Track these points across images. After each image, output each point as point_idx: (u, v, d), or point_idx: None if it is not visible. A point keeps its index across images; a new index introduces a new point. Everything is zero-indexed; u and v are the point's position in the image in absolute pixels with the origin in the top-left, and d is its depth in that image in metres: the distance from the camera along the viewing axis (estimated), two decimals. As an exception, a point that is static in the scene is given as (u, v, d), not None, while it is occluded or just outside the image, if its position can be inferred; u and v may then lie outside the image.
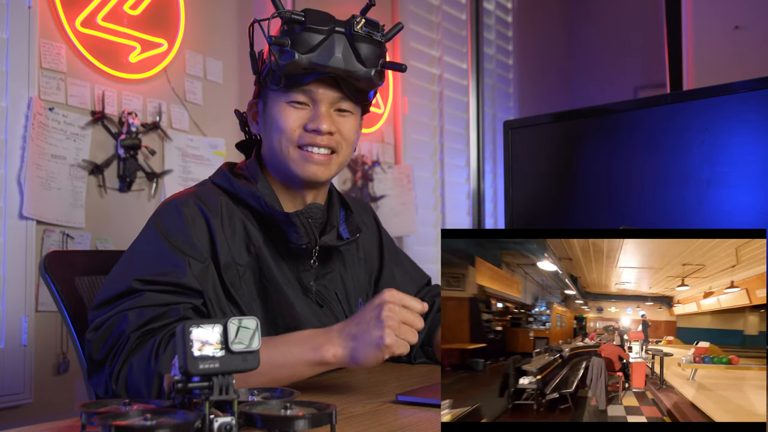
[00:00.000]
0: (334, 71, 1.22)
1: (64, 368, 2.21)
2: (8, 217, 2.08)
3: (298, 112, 1.27)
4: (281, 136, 1.27)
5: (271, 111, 1.29)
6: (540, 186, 1.59)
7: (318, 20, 1.20)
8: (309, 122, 1.26)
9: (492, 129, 4.23)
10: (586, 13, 5.11)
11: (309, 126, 1.26)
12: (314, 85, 1.25)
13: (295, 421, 0.72)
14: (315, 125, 1.25)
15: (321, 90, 1.26)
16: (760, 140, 1.29)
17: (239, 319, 0.71)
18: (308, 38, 1.19)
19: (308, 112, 1.27)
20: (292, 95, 1.26)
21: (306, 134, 1.26)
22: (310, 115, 1.26)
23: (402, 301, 1.07)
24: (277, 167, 1.31)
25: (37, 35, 2.17)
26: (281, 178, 1.32)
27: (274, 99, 1.28)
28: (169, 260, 1.16)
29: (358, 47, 1.22)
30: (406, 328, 1.06)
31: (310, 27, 1.19)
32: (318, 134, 1.26)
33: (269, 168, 1.34)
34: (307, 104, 1.27)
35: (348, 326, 1.09)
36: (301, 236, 1.26)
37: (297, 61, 1.19)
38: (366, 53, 1.23)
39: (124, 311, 1.11)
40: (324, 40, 1.20)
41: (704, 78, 2.93)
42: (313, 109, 1.27)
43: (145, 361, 1.06)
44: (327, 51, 1.20)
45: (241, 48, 2.89)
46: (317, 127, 1.25)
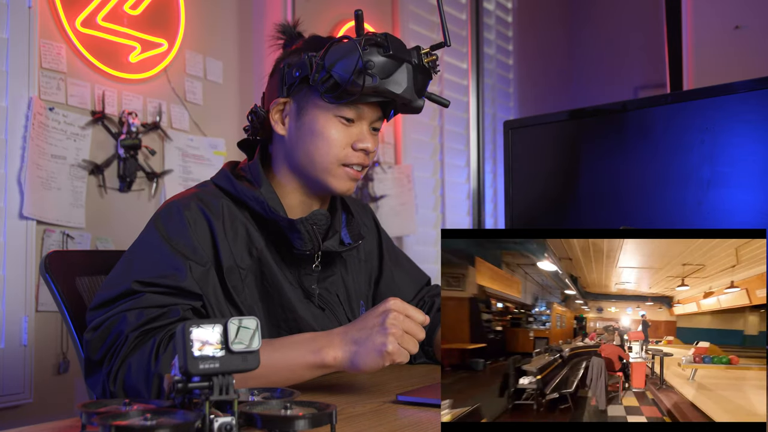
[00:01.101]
0: (402, 101, 1.24)
1: (64, 368, 2.21)
2: (8, 217, 2.08)
3: (344, 127, 1.27)
4: (329, 150, 1.26)
5: (314, 120, 1.27)
6: (540, 186, 1.59)
7: (398, 49, 1.21)
8: (358, 141, 1.27)
9: (492, 129, 4.23)
10: (587, 13, 5.11)
11: (358, 145, 1.27)
12: (365, 105, 1.26)
13: (295, 421, 0.72)
14: (365, 145, 1.27)
15: (370, 110, 1.28)
16: (760, 140, 1.29)
17: (239, 319, 0.72)
18: (387, 65, 1.20)
19: (352, 128, 1.28)
20: (344, 110, 1.26)
21: (353, 153, 1.28)
22: (355, 132, 1.28)
23: (406, 310, 1.09)
24: (306, 175, 1.30)
25: (37, 35, 2.17)
26: (302, 184, 1.32)
27: (319, 108, 1.26)
28: (169, 263, 1.16)
29: (418, 78, 1.24)
30: (408, 338, 1.07)
31: (392, 55, 1.20)
32: (366, 154, 1.29)
33: (283, 171, 1.32)
34: (353, 120, 1.27)
35: (350, 330, 1.10)
36: (305, 242, 1.26)
37: (376, 86, 1.19)
38: (421, 85, 1.25)
39: (123, 312, 1.11)
40: (397, 68, 1.21)
41: (704, 78, 2.93)
42: (357, 125, 1.28)
43: (144, 361, 1.06)
44: (399, 81, 1.21)
45: (241, 48, 2.89)
46: (366, 148, 1.28)
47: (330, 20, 3.28)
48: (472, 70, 4.08)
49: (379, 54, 1.19)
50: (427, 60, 1.24)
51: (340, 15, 3.33)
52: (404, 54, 1.22)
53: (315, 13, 3.18)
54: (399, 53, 1.21)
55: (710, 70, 2.94)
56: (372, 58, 1.18)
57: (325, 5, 3.27)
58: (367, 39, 1.19)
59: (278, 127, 1.31)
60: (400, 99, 1.23)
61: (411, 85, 1.22)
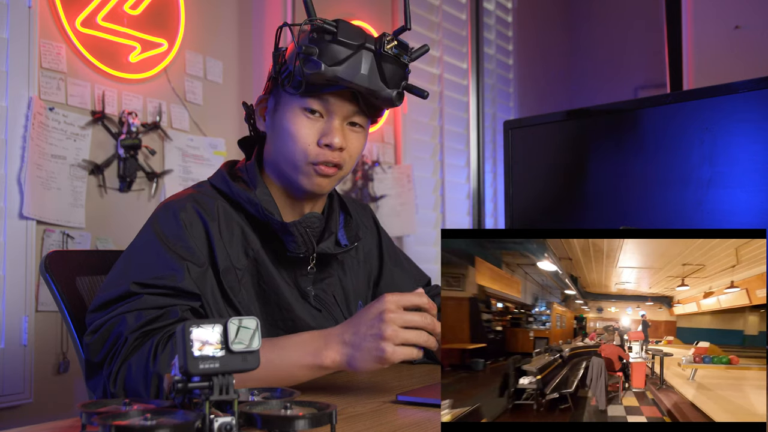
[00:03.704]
0: (357, 88, 1.20)
1: (64, 368, 2.21)
2: (8, 217, 2.08)
3: (311, 122, 1.24)
4: (295, 147, 1.24)
5: (283, 113, 1.26)
6: (540, 186, 1.59)
7: (349, 34, 1.18)
8: (322, 137, 1.24)
9: (492, 129, 4.23)
10: (587, 13, 5.11)
11: (322, 141, 1.24)
12: (332, 96, 1.23)
13: (295, 421, 0.72)
14: (328, 140, 1.23)
15: (338, 102, 1.23)
16: (760, 140, 1.29)
17: (239, 319, 0.72)
18: (337, 51, 1.17)
19: (321, 124, 1.24)
20: (308, 102, 1.23)
21: (319, 151, 1.24)
22: (323, 127, 1.24)
23: (400, 303, 1.06)
24: (281, 173, 1.29)
25: (37, 35, 2.17)
26: (283, 183, 1.31)
27: (288, 101, 1.25)
28: (167, 264, 1.16)
29: (384, 67, 1.20)
30: (408, 333, 1.05)
31: (340, 40, 1.17)
32: (330, 149, 1.24)
33: (269, 170, 1.32)
34: (321, 113, 1.24)
35: (346, 332, 1.08)
36: (299, 246, 1.26)
37: (322, 72, 1.16)
38: (391, 74, 1.21)
39: (122, 314, 1.11)
40: (352, 55, 1.18)
41: (704, 78, 2.93)
42: (326, 121, 1.25)
43: (143, 361, 1.06)
44: (353, 67, 1.18)
45: (241, 48, 2.89)
46: (330, 142, 1.23)
47: (330, 20, 3.28)
48: (472, 70, 4.08)
49: (327, 40, 1.17)
50: (389, 46, 1.19)
51: (340, 15, 3.31)
52: (356, 39, 1.18)
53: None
54: (350, 38, 1.18)
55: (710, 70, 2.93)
56: (319, 45, 1.16)
57: (326, 5, 3.27)
58: (315, 26, 1.17)
59: (260, 124, 1.33)
60: (356, 87, 1.19)
61: (373, 74, 1.19)
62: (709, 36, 2.97)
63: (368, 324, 1.05)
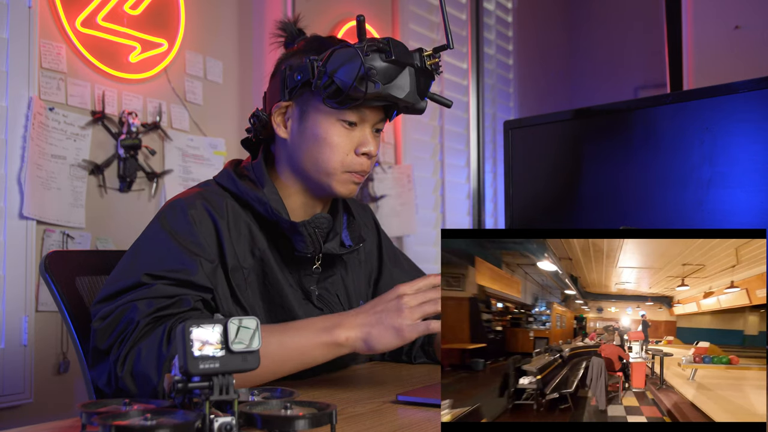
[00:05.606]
0: (404, 104, 1.23)
1: (64, 368, 2.21)
2: (8, 217, 2.08)
3: (348, 132, 1.27)
4: (332, 156, 1.26)
5: (316, 124, 1.26)
6: (540, 186, 1.59)
7: (401, 54, 1.21)
8: (360, 146, 1.27)
9: (492, 129, 4.23)
10: (587, 13, 5.11)
11: (360, 150, 1.27)
12: (367, 108, 1.26)
13: (295, 421, 0.73)
14: (367, 149, 1.27)
15: (372, 113, 1.27)
16: (760, 140, 1.29)
17: (239, 319, 0.72)
18: (390, 70, 1.19)
19: (356, 132, 1.27)
20: (346, 114, 1.25)
21: (356, 159, 1.27)
22: (359, 136, 1.27)
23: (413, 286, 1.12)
24: (308, 178, 1.30)
25: (37, 35, 2.17)
26: (304, 186, 1.32)
27: (321, 112, 1.26)
28: (179, 259, 1.15)
29: (421, 81, 1.23)
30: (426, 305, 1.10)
31: (394, 60, 1.19)
32: (368, 158, 1.29)
33: (286, 172, 1.32)
34: (356, 124, 1.27)
35: (361, 312, 1.12)
36: (307, 245, 1.27)
37: (379, 92, 1.19)
38: (425, 86, 1.25)
39: (133, 301, 1.10)
40: (400, 72, 1.21)
41: (704, 78, 2.93)
42: (359, 129, 1.28)
43: (156, 345, 1.05)
44: (401, 85, 1.21)
45: (241, 48, 2.89)
46: (369, 152, 1.28)
47: (330, 20, 3.29)
48: (472, 70, 4.08)
49: (381, 60, 1.19)
50: (429, 62, 1.24)
51: (340, 15, 3.33)
52: (407, 58, 1.21)
53: (315, 13, 3.18)
54: (402, 58, 1.20)
55: (710, 70, 2.93)
56: (374, 64, 1.18)
57: (326, 5, 3.27)
58: (369, 45, 1.19)
59: (280, 131, 1.31)
60: (402, 102, 1.23)
61: (414, 89, 1.22)
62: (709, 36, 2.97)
63: (384, 304, 1.11)
